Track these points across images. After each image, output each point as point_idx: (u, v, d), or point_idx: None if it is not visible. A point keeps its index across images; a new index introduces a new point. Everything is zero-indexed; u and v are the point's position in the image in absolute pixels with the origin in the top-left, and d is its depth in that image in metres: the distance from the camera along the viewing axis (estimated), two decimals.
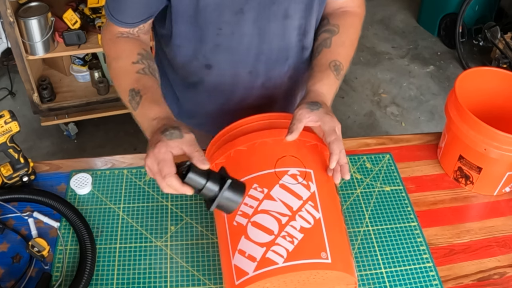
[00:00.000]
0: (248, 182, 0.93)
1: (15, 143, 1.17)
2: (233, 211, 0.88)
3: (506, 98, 1.29)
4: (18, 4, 2.24)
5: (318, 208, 0.92)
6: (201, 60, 1.15)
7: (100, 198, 1.20)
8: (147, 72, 1.04)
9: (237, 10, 1.05)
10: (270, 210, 0.90)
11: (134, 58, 1.04)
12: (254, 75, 1.18)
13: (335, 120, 1.00)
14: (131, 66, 1.04)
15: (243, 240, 0.89)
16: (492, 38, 3.16)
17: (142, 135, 1.05)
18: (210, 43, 1.11)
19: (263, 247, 0.87)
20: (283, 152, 0.97)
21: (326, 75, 1.10)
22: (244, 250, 0.88)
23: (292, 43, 1.15)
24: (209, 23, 1.07)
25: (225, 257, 0.93)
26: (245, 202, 0.92)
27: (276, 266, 0.84)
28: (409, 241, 1.14)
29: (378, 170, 1.29)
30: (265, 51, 1.14)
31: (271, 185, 0.92)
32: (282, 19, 1.09)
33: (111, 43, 1.08)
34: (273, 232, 0.88)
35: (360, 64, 3.32)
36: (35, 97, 2.46)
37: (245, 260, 0.87)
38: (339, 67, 1.13)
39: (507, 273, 1.10)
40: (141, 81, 1.01)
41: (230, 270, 0.89)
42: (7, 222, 1.14)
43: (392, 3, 3.87)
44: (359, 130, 2.85)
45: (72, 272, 1.05)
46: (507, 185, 1.24)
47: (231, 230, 0.92)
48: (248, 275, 0.85)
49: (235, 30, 1.08)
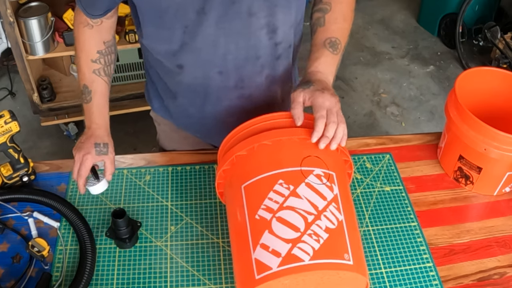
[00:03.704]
0: (273, 177, 0.93)
1: (15, 143, 1.17)
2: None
3: (506, 98, 1.29)
4: (18, 4, 2.24)
5: (341, 210, 0.92)
6: (172, 60, 1.15)
7: (100, 198, 1.20)
8: (101, 73, 1.18)
9: (199, 10, 1.04)
10: (296, 207, 0.90)
11: (93, 56, 1.17)
12: (224, 76, 1.17)
13: (325, 95, 1.01)
14: (89, 63, 1.17)
15: (267, 234, 0.88)
16: (492, 38, 3.15)
17: (142, 135, 1.07)
18: (178, 42, 1.11)
19: (288, 243, 0.86)
20: (308, 151, 0.97)
21: (321, 53, 1.11)
22: (267, 244, 0.87)
23: (262, 42, 1.13)
24: (175, 23, 1.07)
25: (242, 250, 0.91)
26: (270, 197, 0.91)
27: (302, 263, 0.84)
28: (409, 241, 1.14)
29: (378, 170, 1.29)
30: (232, 51, 1.12)
31: (297, 182, 0.92)
32: (246, 17, 1.07)
33: (77, 30, 1.18)
34: (299, 229, 0.87)
35: (360, 64, 3.32)
36: (35, 97, 2.46)
37: (268, 255, 0.86)
38: (335, 42, 1.12)
39: (507, 273, 1.10)
40: (94, 83, 1.18)
41: (249, 264, 0.88)
42: (7, 222, 1.14)
43: (392, 3, 3.87)
44: (359, 130, 2.85)
45: (72, 272, 1.05)
46: (507, 185, 1.24)
47: (252, 224, 0.91)
48: (271, 270, 0.85)
49: (199, 30, 1.07)
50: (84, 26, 1.16)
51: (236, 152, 0.99)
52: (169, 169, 1.27)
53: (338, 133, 0.97)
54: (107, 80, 1.20)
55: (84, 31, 1.16)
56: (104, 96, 1.19)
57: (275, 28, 1.12)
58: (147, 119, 1.49)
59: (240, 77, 1.18)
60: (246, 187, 0.95)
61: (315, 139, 0.96)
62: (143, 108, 2.57)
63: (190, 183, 1.24)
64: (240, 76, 1.17)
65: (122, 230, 1.07)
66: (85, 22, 1.15)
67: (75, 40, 1.19)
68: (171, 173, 1.26)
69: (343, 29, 1.17)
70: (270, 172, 0.94)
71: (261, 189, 0.93)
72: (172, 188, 1.23)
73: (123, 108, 2.59)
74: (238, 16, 1.06)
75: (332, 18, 1.16)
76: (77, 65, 1.20)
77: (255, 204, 0.92)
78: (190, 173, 1.26)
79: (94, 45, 1.17)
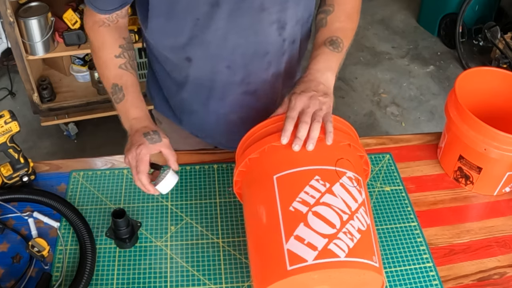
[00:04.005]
0: (310, 172, 0.94)
1: (15, 143, 1.17)
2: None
3: (506, 98, 1.29)
4: (18, 4, 2.24)
5: (368, 214, 0.95)
6: (181, 52, 1.15)
7: (100, 198, 1.20)
8: (128, 67, 1.13)
9: (213, 2, 1.04)
10: (332, 205, 0.91)
11: (116, 51, 1.12)
12: (232, 70, 1.17)
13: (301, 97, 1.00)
14: (114, 59, 1.12)
15: (302, 227, 0.88)
16: (492, 38, 3.15)
17: None
18: (187, 35, 1.10)
19: (325, 238, 0.87)
20: (340, 153, 0.98)
21: (320, 51, 1.11)
22: (303, 237, 0.87)
23: (271, 37, 1.13)
24: (186, 15, 1.07)
25: (269, 240, 0.91)
26: (306, 191, 0.91)
27: (338, 259, 0.85)
28: (409, 241, 1.14)
29: (378, 170, 1.29)
30: (241, 45, 1.12)
31: (333, 181, 0.94)
32: (258, 12, 1.08)
33: (93, 32, 1.14)
34: (335, 226, 0.88)
35: (360, 64, 3.32)
36: (35, 97, 2.46)
37: (304, 247, 0.86)
38: (336, 41, 1.12)
39: (507, 273, 1.10)
40: (123, 77, 1.11)
41: (279, 254, 0.87)
42: (7, 222, 1.14)
43: (392, 3, 3.87)
44: (359, 130, 2.81)
45: (72, 272, 1.05)
46: (507, 185, 1.24)
47: (286, 215, 0.91)
48: (306, 263, 0.85)
49: (210, 23, 1.07)
50: (99, 26, 1.13)
51: (271, 142, 0.98)
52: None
53: (312, 132, 0.96)
54: (134, 74, 1.15)
55: (101, 30, 1.13)
56: (136, 88, 1.13)
57: (284, 24, 1.13)
58: None
59: (247, 72, 1.18)
60: (279, 178, 0.95)
61: (284, 140, 0.95)
62: None
63: (190, 183, 1.24)
64: (247, 71, 1.18)
65: (122, 230, 1.07)
66: (100, 21, 1.12)
67: (92, 43, 1.15)
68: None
69: (346, 29, 1.17)
70: (306, 167, 0.95)
71: (296, 182, 0.94)
72: (172, 188, 1.22)
73: None
74: (250, 11, 1.07)
75: (335, 17, 1.16)
76: (100, 67, 1.14)
77: (290, 195, 0.92)
78: (190, 173, 1.26)
79: (115, 40, 1.13)
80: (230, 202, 1.20)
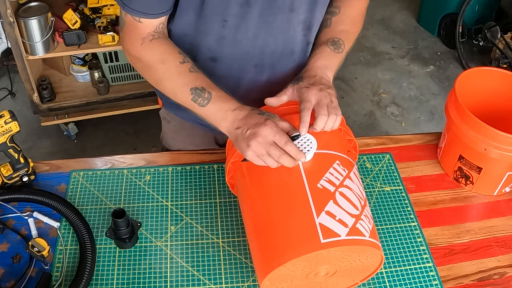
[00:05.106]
0: (331, 156, 0.99)
1: (15, 143, 1.17)
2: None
3: (506, 98, 1.29)
4: (18, 4, 2.24)
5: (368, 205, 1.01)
6: (206, 53, 1.15)
7: (100, 198, 1.20)
8: (196, 69, 1.08)
9: (243, 3, 1.05)
10: (352, 189, 0.97)
11: (179, 58, 1.07)
12: (259, 69, 1.18)
13: (312, 90, 1.02)
14: (181, 66, 1.07)
15: (332, 204, 0.92)
16: (492, 38, 3.15)
17: (142, 135, 1.06)
18: (215, 36, 1.11)
19: (353, 218, 0.92)
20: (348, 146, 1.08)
21: (321, 50, 1.14)
22: (334, 213, 0.91)
23: (297, 37, 1.16)
24: (215, 15, 1.07)
25: (297, 214, 0.92)
26: (331, 172, 0.96)
27: (365, 238, 0.91)
28: (409, 241, 1.14)
29: (378, 170, 1.29)
30: (271, 45, 1.14)
31: (349, 168, 1.00)
32: (288, 12, 1.09)
33: (145, 49, 1.07)
34: (358, 208, 0.94)
35: (360, 64, 3.32)
36: (35, 97, 2.46)
37: (335, 223, 0.90)
38: (337, 42, 1.14)
39: (507, 273, 1.10)
40: (199, 79, 1.06)
41: (311, 228, 0.89)
42: (7, 222, 1.14)
43: (392, 3, 3.87)
44: (359, 130, 2.85)
45: (72, 272, 1.05)
46: (507, 185, 1.24)
47: (314, 191, 0.93)
48: (340, 237, 0.88)
49: (241, 23, 1.08)
50: (150, 40, 1.07)
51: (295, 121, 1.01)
52: (169, 169, 1.27)
53: (335, 124, 1.01)
54: (204, 73, 1.09)
55: (154, 43, 1.07)
56: (215, 84, 1.06)
57: (310, 25, 1.15)
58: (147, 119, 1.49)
59: (273, 71, 1.19)
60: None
61: (303, 131, 0.98)
62: (143, 108, 2.57)
63: (190, 183, 1.24)
64: (274, 70, 1.19)
65: (122, 230, 1.07)
66: (149, 36, 1.07)
67: (145, 60, 1.08)
68: (171, 173, 1.26)
69: (349, 32, 1.18)
70: (327, 150, 1.00)
71: (321, 162, 0.98)
72: (172, 188, 1.23)
73: (123, 108, 2.59)
74: (280, 11, 1.08)
75: (340, 20, 1.18)
76: (167, 80, 1.08)
77: (316, 174, 0.96)
78: (190, 173, 1.26)
79: (172, 48, 1.08)
80: (230, 202, 1.20)
